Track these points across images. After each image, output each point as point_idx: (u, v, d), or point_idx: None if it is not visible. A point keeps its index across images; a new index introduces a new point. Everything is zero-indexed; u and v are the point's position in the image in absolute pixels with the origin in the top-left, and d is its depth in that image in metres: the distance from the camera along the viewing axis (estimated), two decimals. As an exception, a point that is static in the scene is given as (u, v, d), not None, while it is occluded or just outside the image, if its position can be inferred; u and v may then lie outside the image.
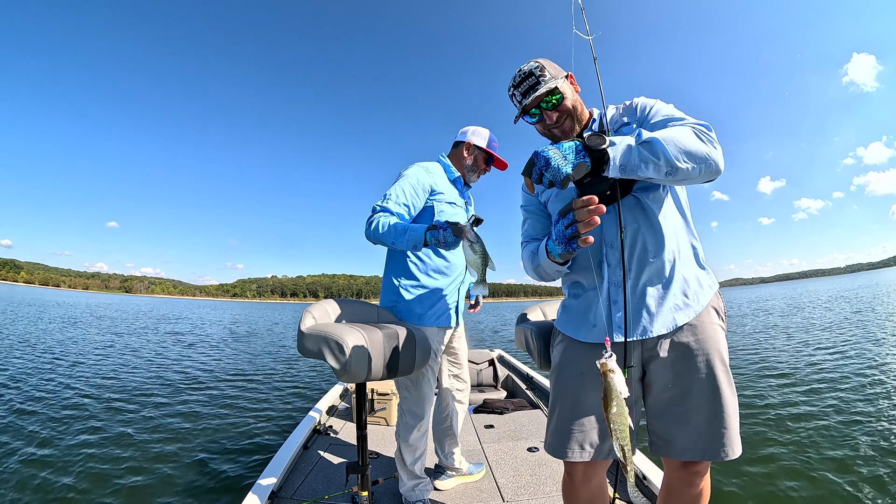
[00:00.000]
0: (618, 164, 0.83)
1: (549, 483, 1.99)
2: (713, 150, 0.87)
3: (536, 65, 1.04)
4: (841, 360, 6.32)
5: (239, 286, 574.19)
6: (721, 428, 0.94)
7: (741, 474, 2.82)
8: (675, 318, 0.99)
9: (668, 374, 0.99)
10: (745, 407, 4.27)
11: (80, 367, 7.00)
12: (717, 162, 0.87)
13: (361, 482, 1.49)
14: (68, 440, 3.54)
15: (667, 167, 0.84)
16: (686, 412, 0.97)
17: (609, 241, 1.03)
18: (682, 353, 0.98)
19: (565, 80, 1.07)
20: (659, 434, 1.02)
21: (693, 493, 1.02)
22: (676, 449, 0.98)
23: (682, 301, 1.00)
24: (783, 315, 15.16)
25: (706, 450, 0.94)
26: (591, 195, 0.80)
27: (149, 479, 2.87)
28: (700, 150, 0.86)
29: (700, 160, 0.85)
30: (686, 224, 1.05)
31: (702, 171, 0.86)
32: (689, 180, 0.89)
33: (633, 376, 1.02)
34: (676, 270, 1.00)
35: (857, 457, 3.01)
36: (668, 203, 1.03)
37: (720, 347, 0.99)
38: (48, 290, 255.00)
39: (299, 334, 1.33)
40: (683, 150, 0.84)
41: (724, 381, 0.97)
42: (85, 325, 15.61)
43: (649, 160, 0.83)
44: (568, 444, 1.05)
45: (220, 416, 4.46)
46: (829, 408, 4.14)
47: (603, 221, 1.02)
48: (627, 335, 0.99)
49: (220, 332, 15.52)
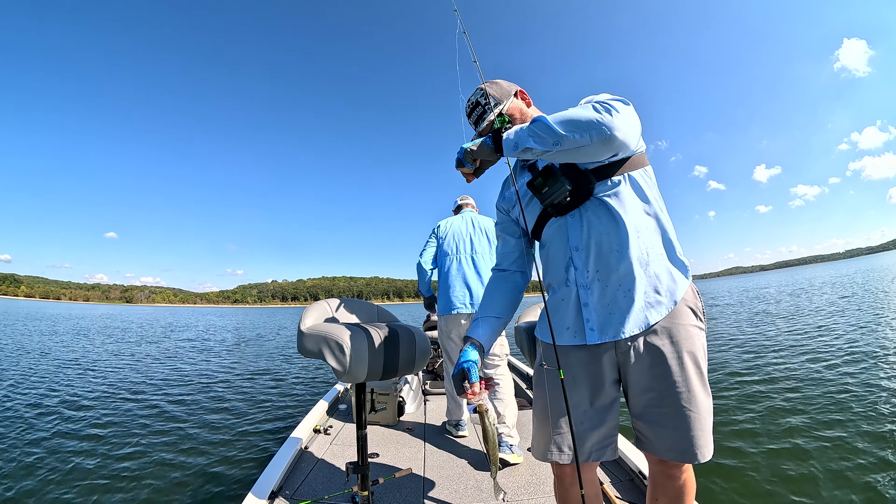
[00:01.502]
0: (512, 140, 0.99)
1: (548, 483, 1.99)
2: (604, 115, 0.89)
3: (481, 92, 1.14)
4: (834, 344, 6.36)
5: (240, 292, 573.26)
6: (696, 431, 0.96)
7: (727, 469, 2.85)
8: (646, 316, 0.99)
9: (645, 377, 0.99)
10: (742, 400, 4.29)
11: (93, 372, 7.05)
12: (609, 126, 0.88)
13: (361, 482, 1.49)
14: (72, 444, 3.55)
15: (552, 138, 0.92)
16: (663, 415, 0.98)
17: (574, 244, 1.04)
18: (657, 356, 0.98)
19: (514, 98, 1.15)
20: (641, 432, 1.03)
21: (676, 485, 1.03)
22: (657, 449, 1.01)
23: (653, 298, 1.00)
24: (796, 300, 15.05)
25: (683, 452, 0.97)
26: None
27: (149, 479, 2.88)
28: (586, 117, 0.90)
29: (585, 127, 0.89)
30: (656, 218, 1.05)
31: (592, 137, 0.89)
32: (585, 148, 0.92)
33: (608, 379, 1.03)
34: (646, 268, 1.00)
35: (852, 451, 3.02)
36: (634, 202, 1.03)
37: (696, 350, 0.99)
38: (49, 303, 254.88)
39: (299, 334, 1.33)
40: (567, 121, 0.91)
41: (699, 385, 0.97)
42: (101, 336, 15.74)
43: (536, 134, 0.94)
44: (548, 446, 1.06)
45: (220, 416, 4.48)
46: (818, 402, 4.15)
47: (568, 226, 1.06)
48: (600, 338, 1.01)
49: (230, 337, 15.59)
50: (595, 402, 1.04)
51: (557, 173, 1.02)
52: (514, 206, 1.22)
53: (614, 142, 0.91)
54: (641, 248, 1.00)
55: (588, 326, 1.02)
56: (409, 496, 1.92)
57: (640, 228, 1.01)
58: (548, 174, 1.03)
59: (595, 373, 1.03)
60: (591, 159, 0.97)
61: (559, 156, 0.95)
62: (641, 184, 1.05)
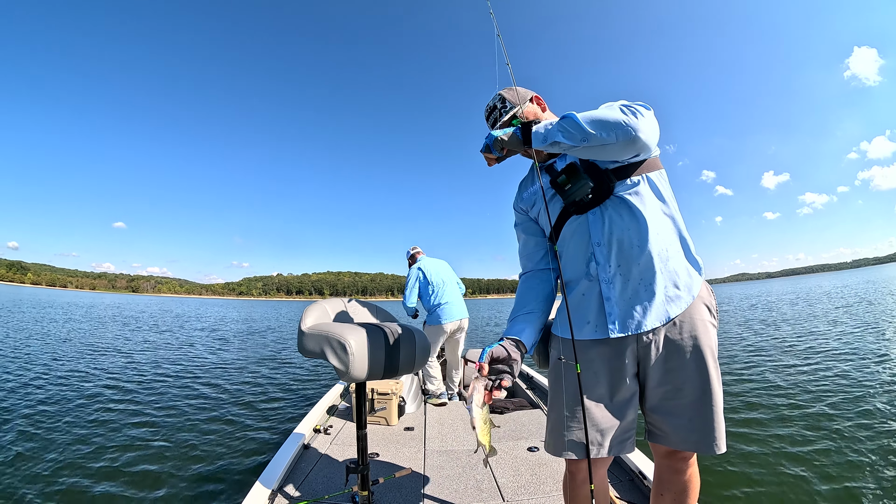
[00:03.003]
0: (541, 133, 1.02)
1: (549, 483, 1.99)
2: (630, 118, 0.94)
3: (498, 97, 1.20)
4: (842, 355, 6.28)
5: (245, 284, 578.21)
6: (713, 423, 0.99)
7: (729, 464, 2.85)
8: (667, 309, 1.03)
9: (662, 370, 1.03)
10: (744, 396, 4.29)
11: (102, 360, 7.12)
12: (634, 128, 0.93)
13: (361, 482, 1.49)
14: (60, 436, 3.61)
15: (580, 134, 0.96)
16: (679, 407, 1.02)
17: (596, 240, 1.07)
18: (674, 350, 1.02)
19: (530, 104, 1.20)
20: (655, 425, 1.06)
21: (682, 479, 1.06)
22: (672, 441, 1.03)
23: (673, 292, 1.04)
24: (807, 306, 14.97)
25: (699, 443, 1.00)
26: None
27: (149, 479, 2.89)
28: (613, 117, 0.94)
29: (612, 127, 0.94)
30: (673, 220, 1.09)
31: (618, 136, 0.94)
32: (609, 146, 0.96)
33: (629, 373, 1.05)
34: (665, 263, 1.04)
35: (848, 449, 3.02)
36: (653, 200, 1.07)
37: (711, 344, 1.03)
38: (55, 290, 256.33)
39: (300, 334, 1.33)
40: (595, 120, 0.95)
41: (715, 378, 1.02)
42: (114, 324, 16.05)
43: (565, 129, 0.98)
44: (565, 442, 1.07)
45: (220, 415, 4.48)
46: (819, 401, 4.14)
47: (589, 223, 1.09)
48: (622, 331, 1.03)
49: (238, 330, 15.76)
50: (615, 397, 1.06)
51: (580, 171, 1.06)
52: (533, 205, 1.24)
53: (637, 143, 0.95)
54: (661, 244, 1.04)
55: (610, 320, 1.05)
56: (409, 496, 1.93)
57: (658, 226, 1.05)
58: (571, 172, 1.07)
59: (616, 367, 1.06)
60: (614, 158, 1.02)
61: (584, 152, 0.99)
62: (658, 185, 1.09)
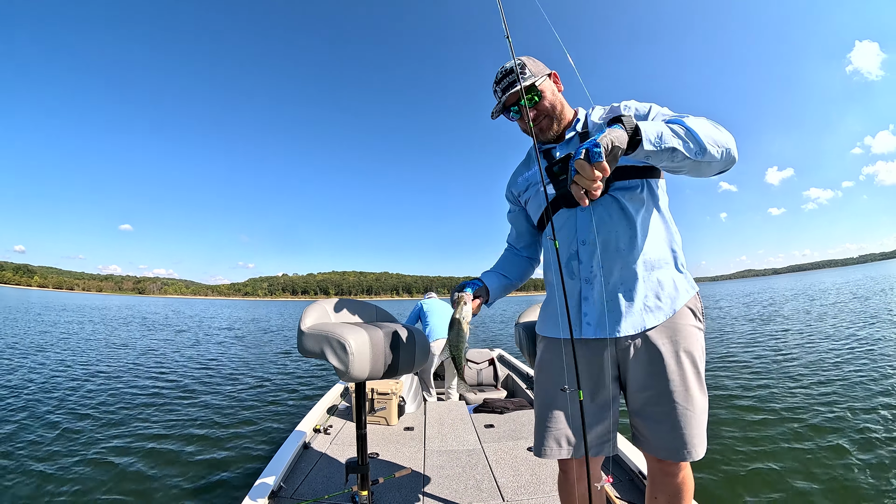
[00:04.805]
0: (654, 134, 0.82)
1: (549, 482, 1.98)
2: (731, 139, 0.89)
3: (519, 62, 1.06)
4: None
5: (251, 285, 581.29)
6: (692, 430, 0.97)
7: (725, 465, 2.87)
8: (644, 319, 0.99)
9: (643, 375, 1.00)
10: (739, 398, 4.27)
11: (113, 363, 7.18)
12: (735, 150, 0.89)
13: (361, 482, 1.50)
14: (65, 439, 3.64)
15: (697, 147, 0.84)
16: (659, 413, 0.99)
17: (582, 238, 1.04)
18: (656, 355, 0.99)
19: (547, 79, 1.09)
20: (639, 430, 1.04)
21: (674, 482, 1.04)
22: (653, 447, 1.01)
23: (653, 303, 1.00)
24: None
25: (677, 451, 0.98)
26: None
27: (149, 478, 2.90)
28: (724, 137, 0.88)
29: (723, 145, 0.87)
30: (666, 227, 1.05)
31: (724, 156, 0.87)
32: (710, 166, 0.89)
33: (608, 375, 1.03)
34: (650, 272, 1.01)
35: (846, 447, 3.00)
36: (648, 205, 1.03)
37: (693, 350, 1.00)
38: (62, 293, 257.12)
39: (300, 334, 1.33)
40: (710, 135, 0.86)
41: (696, 384, 0.98)
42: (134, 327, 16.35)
43: (684, 139, 0.84)
44: (545, 441, 1.06)
45: (220, 415, 4.50)
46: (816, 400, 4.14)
47: (577, 219, 1.05)
48: (597, 333, 1.01)
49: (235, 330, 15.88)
50: (595, 398, 1.04)
51: None
52: (526, 190, 1.19)
53: (731, 166, 0.91)
54: (649, 251, 1.01)
55: (585, 321, 1.03)
56: (409, 496, 1.93)
57: (650, 233, 1.02)
58: (568, 162, 1.01)
59: (595, 369, 1.03)
60: (699, 175, 0.93)
61: (685, 165, 0.87)
62: (657, 193, 1.05)
